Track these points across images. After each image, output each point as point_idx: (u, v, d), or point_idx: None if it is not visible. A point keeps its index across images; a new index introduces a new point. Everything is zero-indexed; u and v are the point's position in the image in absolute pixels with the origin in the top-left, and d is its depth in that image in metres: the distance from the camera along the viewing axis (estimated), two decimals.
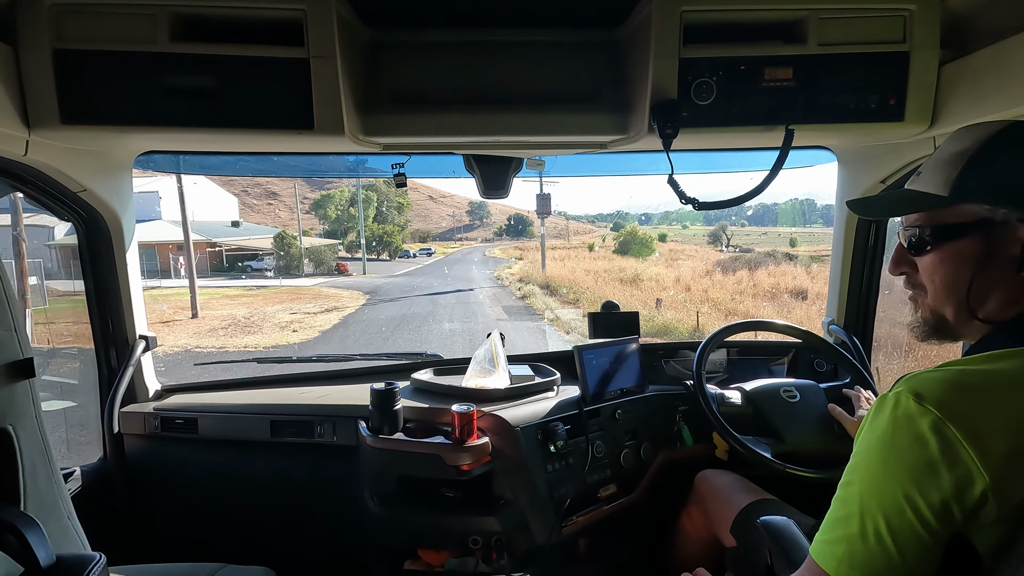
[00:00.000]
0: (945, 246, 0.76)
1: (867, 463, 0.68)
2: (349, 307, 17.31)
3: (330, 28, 1.08)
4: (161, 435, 1.71)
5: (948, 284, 0.77)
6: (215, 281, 26.63)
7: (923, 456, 0.63)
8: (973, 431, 0.61)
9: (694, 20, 1.13)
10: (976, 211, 0.73)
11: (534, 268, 27.44)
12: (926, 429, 0.63)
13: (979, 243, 0.73)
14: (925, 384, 0.65)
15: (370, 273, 31.30)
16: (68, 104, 1.09)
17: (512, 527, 1.48)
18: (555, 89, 1.29)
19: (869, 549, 0.65)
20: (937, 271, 0.78)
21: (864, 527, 0.66)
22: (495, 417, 1.51)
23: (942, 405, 0.63)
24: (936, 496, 0.62)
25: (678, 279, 20.85)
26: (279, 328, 14.17)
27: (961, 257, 0.75)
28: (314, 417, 1.66)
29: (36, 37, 1.06)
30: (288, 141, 1.26)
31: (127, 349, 1.69)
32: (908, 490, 0.63)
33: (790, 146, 1.23)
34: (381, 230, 46.84)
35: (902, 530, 0.64)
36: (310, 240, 40.76)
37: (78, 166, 1.37)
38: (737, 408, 1.57)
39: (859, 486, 0.68)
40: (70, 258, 10.45)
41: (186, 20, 1.10)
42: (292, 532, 1.78)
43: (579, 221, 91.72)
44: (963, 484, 0.61)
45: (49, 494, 0.86)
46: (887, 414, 0.67)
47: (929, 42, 1.15)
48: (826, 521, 0.72)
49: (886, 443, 0.66)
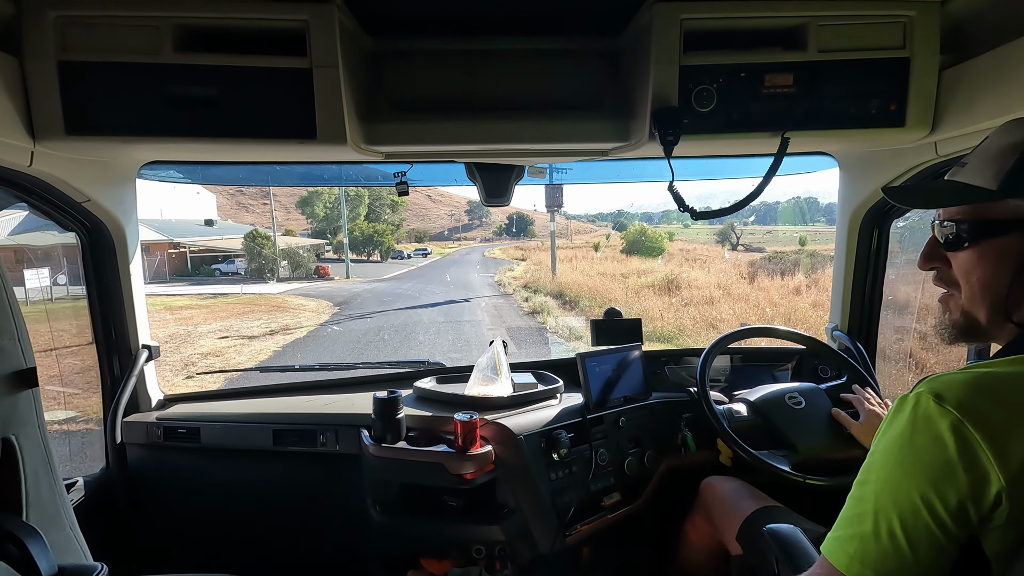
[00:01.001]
0: (987, 242, 0.73)
1: (884, 462, 0.68)
2: (304, 326, 13.50)
3: (332, 38, 1.09)
4: (164, 445, 1.71)
5: (985, 283, 0.74)
6: (170, 288, 23.05)
7: (941, 457, 0.62)
8: (993, 433, 0.61)
9: (694, 27, 1.14)
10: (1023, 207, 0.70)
11: (540, 271, 23.78)
12: (945, 430, 0.62)
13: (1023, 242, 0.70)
14: (947, 385, 0.65)
15: (355, 277, 27.71)
16: (72, 115, 1.10)
17: (515, 536, 1.47)
18: (556, 97, 1.30)
19: (882, 547, 0.65)
20: (975, 269, 0.74)
21: (878, 525, 0.66)
22: (498, 425, 1.50)
23: (962, 406, 0.62)
24: (953, 497, 0.62)
25: (719, 284, 16.30)
26: (173, 371, 9.25)
27: (1003, 255, 0.71)
28: (316, 426, 1.66)
29: (41, 48, 1.07)
30: (290, 150, 1.27)
31: (130, 359, 1.69)
32: (924, 490, 0.63)
33: (785, 152, 1.23)
34: (372, 229, 42.29)
35: (916, 530, 0.63)
36: (291, 240, 36.09)
37: (82, 177, 1.38)
38: (747, 421, 1.56)
39: (875, 485, 0.68)
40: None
41: (189, 31, 1.11)
42: (294, 541, 1.77)
43: (579, 220, 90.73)
44: (979, 486, 0.61)
45: (51, 504, 0.86)
46: (907, 414, 0.66)
47: (929, 48, 1.15)
48: (840, 518, 0.71)
49: (904, 443, 0.66)
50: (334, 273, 28.65)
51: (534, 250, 41.55)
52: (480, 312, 15.06)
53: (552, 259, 22.95)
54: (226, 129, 1.14)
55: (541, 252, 36.54)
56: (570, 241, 49.73)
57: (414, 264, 37.64)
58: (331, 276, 27.81)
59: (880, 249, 1.78)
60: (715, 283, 16.65)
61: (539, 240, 56.55)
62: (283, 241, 32.45)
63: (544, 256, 31.07)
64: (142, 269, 1.70)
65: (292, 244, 32.54)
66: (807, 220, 45.63)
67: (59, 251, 5.29)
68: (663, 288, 16.34)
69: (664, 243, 30.60)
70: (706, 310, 13.16)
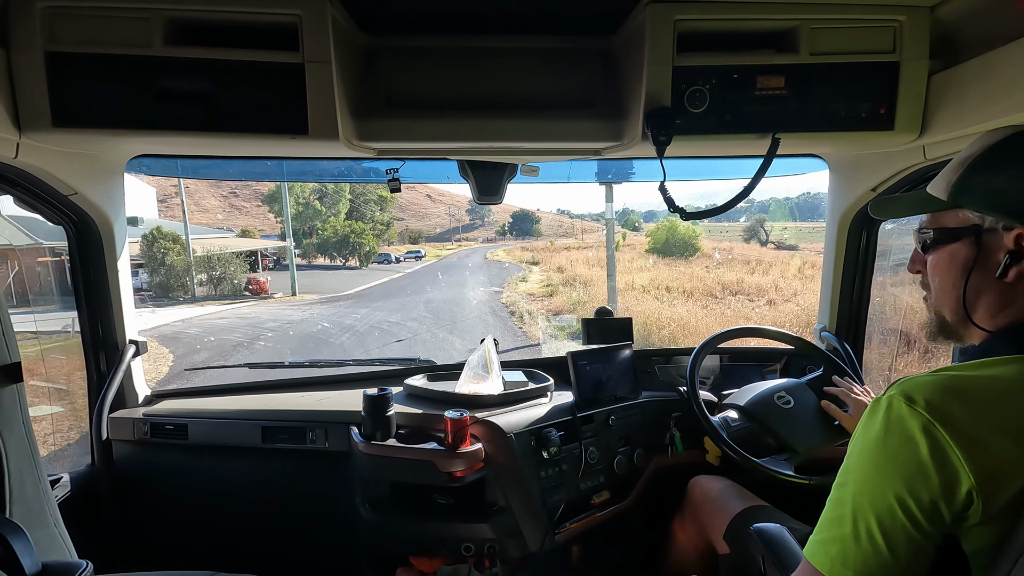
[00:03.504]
0: (943, 248, 0.79)
1: (860, 464, 0.70)
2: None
3: (325, 33, 1.08)
4: (151, 441, 1.70)
5: (943, 286, 0.80)
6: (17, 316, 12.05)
7: (914, 457, 0.65)
8: (961, 434, 0.63)
9: (688, 28, 1.14)
10: (970, 217, 0.75)
11: (562, 281, 16.92)
12: (916, 431, 0.65)
13: (970, 248, 0.75)
14: (917, 388, 0.67)
15: (306, 293, 19.93)
16: (60, 107, 1.09)
17: (505, 534, 1.47)
18: (549, 96, 1.30)
19: (862, 549, 0.67)
20: (935, 272, 0.81)
21: (857, 527, 0.67)
22: (488, 423, 1.50)
23: (932, 408, 0.65)
24: (926, 496, 0.64)
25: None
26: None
27: (954, 260, 0.78)
28: (306, 423, 1.65)
29: (28, 39, 1.05)
30: (282, 145, 1.26)
31: (117, 354, 1.67)
32: (899, 491, 0.65)
33: (775, 154, 1.24)
34: (348, 228, 34.04)
35: (894, 530, 0.65)
36: (232, 243, 26.32)
37: (69, 169, 1.36)
38: (744, 428, 1.56)
39: (853, 487, 0.69)
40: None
41: (180, 24, 1.10)
42: (283, 539, 1.76)
43: (583, 219, 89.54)
44: (951, 485, 0.63)
45: (36, 501, 0.85)
46: (880, 416, 0.69)
47: (919, 52, 1.16)
48: (821, 521, 0.73)
49: (878, 445, 0.68)
50: (278, 287, 21.16)
51: (543, 251, 35.16)
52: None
53: (609, 271, 11.72)
54: (216, 124, 1.13)
55: (552, 253, 31.03)
56: (582, 240, 45.48)
57: (399, 269, 30.62)
58: (269, 292, 20.39)
59: (868, 251, 1.79)
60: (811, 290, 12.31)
61: (546, 240, 51.87)
62: (216, 244, 23.73)
63: (560, 258, 25.61)
64: (129, 265, 1.68)
65: (229, 247, 23.45)
66: (817, 217, 43.96)
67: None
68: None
69: (699, 242, 26.18)
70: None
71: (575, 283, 16.86)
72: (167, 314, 15.68)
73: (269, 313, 15.59)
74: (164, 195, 71.91)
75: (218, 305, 18.16)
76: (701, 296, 13.75)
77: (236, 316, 14.93)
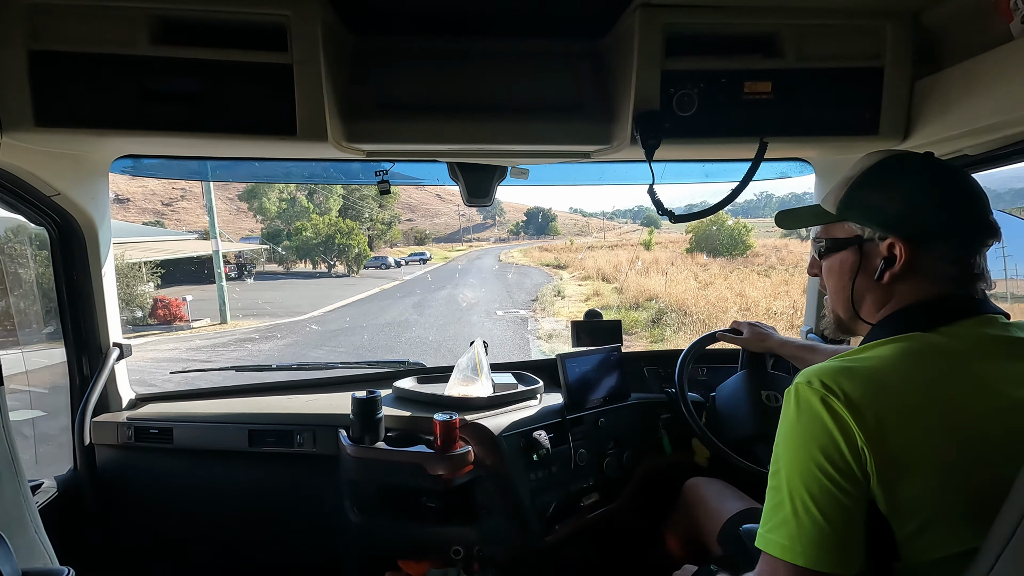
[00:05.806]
0: (834, 256, 0.92)
1: (785, 447, 0.78)
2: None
3: (314, 34, 1.08)
4: (135, 445, 1.67)
5: (836, 288, 0.93)
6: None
7: (821, 425, 0.74)
8: (850, 401, 0.73)
9: (677, 32, 1.15)
10: (854, 228, 0.88)
11: (622, 300, 13.31)
12: (817, 404, 0.75)
13: (854, 255, 0.88)
14: (814, 373, 0.78)
15: (256, 316, 15.24)
16: (42, 106, 1.07)
17: (494, 537, 1.46)
18: (539, 98, 1.30)
19: (802, 524, 0.73)
20: (829, 276, 0.95)
21: (795, 506, 0.74)
22: (478, 425, 1.50)
23: (825, 386, 0.75)
24: (836, 456, 0.73)
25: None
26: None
27: (843, 266, 0.91)
28: (293, 426, 1.64)
29: (10, 36, 1.03)
30: (270, 147, 1.25)
31: (100, 357, 1.65)
32: (817, 457, 0.74)
33: (762, 157, 1.25)
34: (333, 228, 28.62)
35: (823, 497, 0.73)
36: (169, 248, 19.77)
37: (52, 169, 1.34)
38: (747, 434, 1.53)
39: (784, 470, 0.77)
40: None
41: (167, 23, 1.09)
42: (270, 544, 1.75)
43: (597, 218, 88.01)
44: (851, 442, 0.72)
45: (15, 507, 0.84)
46: (792, 402, 0.78)
47: (903, 58, 1.18)
48: (764, 512, 0.79)
49: (794, 425, 0.77)
50: (205, 311, 15.47)
51: (565, 251, 30.87)
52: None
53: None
54: (203, 124, 1.12)
55: (575, 254, 26.08)
56: (603, 239, 41.70)
57: (396, 276, 26.16)
58: (187, 320, 15.16)
59: None
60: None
61: (565, 239, 48.35)
62: (163, 250, 18.01)
63: (590, 260, 21.35)
64: (113, 267, 1.66)
65: (153, 253, 16.95)
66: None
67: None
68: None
69: (750, 238, 23.95)
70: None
71: (640, 300, 12.60)
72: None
73: (140, 366, 8.84)
74: (170, 199, 68.75)
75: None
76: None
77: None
